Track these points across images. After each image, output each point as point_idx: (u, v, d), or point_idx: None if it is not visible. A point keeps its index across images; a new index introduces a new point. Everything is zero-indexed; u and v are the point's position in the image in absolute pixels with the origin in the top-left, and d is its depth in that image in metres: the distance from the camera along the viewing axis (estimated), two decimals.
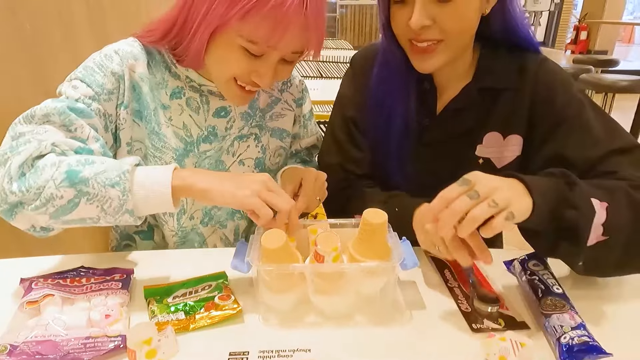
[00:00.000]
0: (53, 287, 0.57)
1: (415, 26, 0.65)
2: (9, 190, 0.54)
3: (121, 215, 0.56)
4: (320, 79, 2.48)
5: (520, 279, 0.63)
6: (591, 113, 0.70)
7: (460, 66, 0.76)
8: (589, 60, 3.76)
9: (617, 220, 0.56)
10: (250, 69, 0.65)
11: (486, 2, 0.68)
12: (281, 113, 0.85)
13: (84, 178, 0.54)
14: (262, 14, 0.58)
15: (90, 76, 0.64)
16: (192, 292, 0.61)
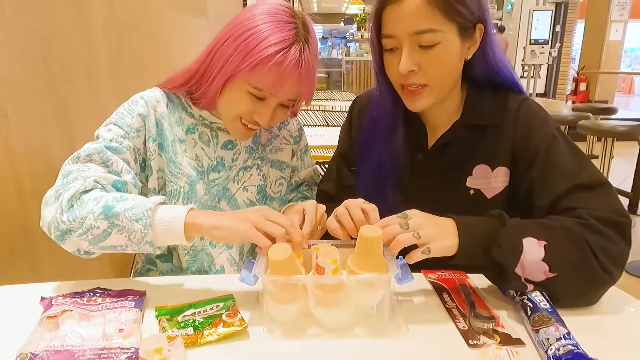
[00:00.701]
0: (71, 304, 0.61)
1: (403, 71, 0.73)
2: (60, 220, 0.66)
3: (143, 245, 0.66)
4: (326, 127, 2.61)
5: (514, 301, 0.66)
6: (563, 149, 0.75)
7: (450, 105, 0.83)
8: (587, 108, 3.87)
9: (560, 257, 0.63)
10: (253, 110, 0.78)
11: (467, 49, 0.76)
12: (280, 147, 0.96)
13: (116, 213, 0.65)
14: (266, 68, 0.72)
15: (121, 119, 0.78)
16: (200, 312, 0.64)
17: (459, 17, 0.72)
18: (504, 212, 0.67)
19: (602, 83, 7.13)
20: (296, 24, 0.75)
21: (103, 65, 1.18)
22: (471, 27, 0.75)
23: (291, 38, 0.73)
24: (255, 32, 0.72)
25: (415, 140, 0.86)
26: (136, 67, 1.38)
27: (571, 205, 0.70)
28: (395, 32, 0.73)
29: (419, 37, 0.72)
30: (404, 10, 0.71)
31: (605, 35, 7.00)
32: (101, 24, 1.17)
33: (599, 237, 0.65)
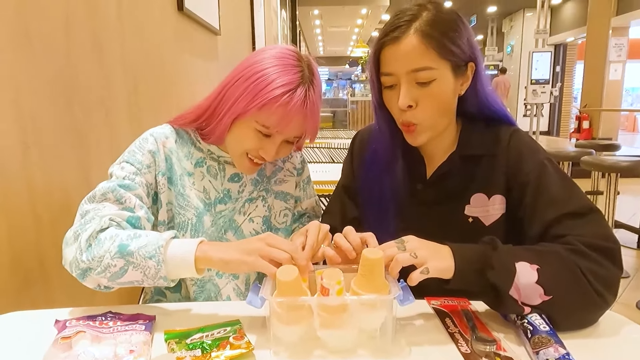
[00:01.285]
0: (84, 326, 0.63)
1: (402, 106, 0.78)
2: (80, 259, 0.70)
3: (157, 280, 0.70)
4: (331, 163, 2.66)
5: (515, 325, 0.67)
6: (553, 177, 0.78)
7: (446, 139, 0.88)
8: (591, 144, 3.92)
9: (553, 280, 0.66)
10: (259, 146, 0.83)
11: (460, 85, 0.82)
12: (284, 179, 0.99)
13: (131, 251, 0.69)
14: (274, 108, 0.78)
15: (133, 157, 0.83)
16: (208, 335, 0.65)
17: (452, 56, 0.77)
18: (496, 238, 0.70)
19: (605, 121, 7.22)
20: (302, 68, 0.81)
21: (120, 104, 1.25)
22: (463, 65, 0.80)
23: (297, 80, 0.78)
24: (264, 75, 0.78)
25: (415, 172, 0.90)
26: (151, 106, 1.46)
27: (561, 233, 0.72)
28: (394, 70, 0.78)
29: (415, 74, 0.77)
30: (402, 50, 0.77)
31: (605, 75, 7.16)
32: (120, 66, 1.25)
33: (588, 262, 0.67)
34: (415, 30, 0.76)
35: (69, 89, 1.01)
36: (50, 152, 0.94)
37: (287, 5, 7.18)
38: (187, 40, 1.88)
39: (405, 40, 0.76)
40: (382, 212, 0.91)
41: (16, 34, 0.84)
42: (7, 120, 0.82)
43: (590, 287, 0.66)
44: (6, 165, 0.82)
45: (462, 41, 0.78)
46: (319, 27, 11.68)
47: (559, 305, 0.65)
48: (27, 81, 0.87)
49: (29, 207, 0.88)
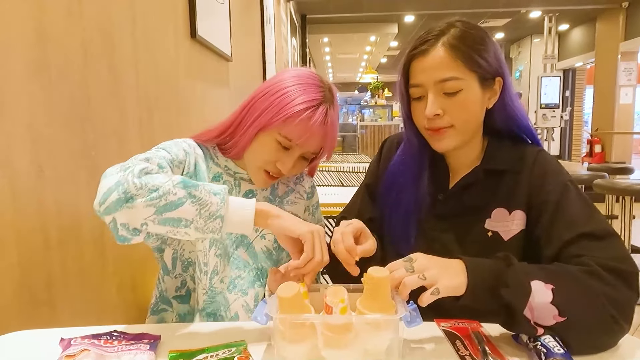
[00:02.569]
0: (89, 345, 0.62)
1: (429, 114, 0.81)
2: (132, 181, 0.67)
3: (213, 220, 0.68)
4: (341, 187, 2.67)
5: (527, 347, 0.65)
6: (574, 199, 0.78)
7: (472, 152, 0.89)
8: (603, 168, 3.87)
9: (568, 301, 0.64)
10: (277, 158, 0.86)
11: (488, 99, 0.84)
12: (294, 201, 1.02)
13: (195, 184, 0.69)
14: (297, 121, 0.82)
15: (169, 148, 0.85)
16: (213, 356, 0.64)
17: (479, 68, 0.80)
18: (511, 255, 0.69)
19: (618, 145, 7.14)
20: (324, 89, 0.86)
21: (132, 131, 1.28)
22: (490, 79, 0.83)
23: (319, 99, 0.84)
24: (289, 91, 0.83)
25: (438, 182, 0.91)
26: (163, 133, 1.48)
27: (577, 253, 0.72)
28: (422, 81, 0.81)
29: (443, 84, 0.80)
30: (430, 62, 0.80)
31: (616, 99, 7.13)
32: (134, 94, 1.28)
33: (603, 284, 0.66)
34: (442, 44, 0.80)
35: (83, 115, 1.04)
36: (63, 176, 0.96)
37: (297, 33, 7.36)
38: (199, 67, 1.93)
39: (433, 52, 0.80)
40: (402, 218, 0.91)
41: (35, 61, 0.87)
42: (23, 143, 0.84)
43: (605, 311, 0.64)
44: (20, 187, 0.84)
45: (489, 55, 0.81)
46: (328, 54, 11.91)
47: (574, 328, 0.64)
48: (43, 107, 0.90)
49: (40, 228, 0.89)
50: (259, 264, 0.93)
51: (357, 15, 7.57)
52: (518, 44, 10.37)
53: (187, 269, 0.91)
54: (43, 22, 0.90)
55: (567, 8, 7.19)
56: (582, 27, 8.52)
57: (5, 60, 0.80)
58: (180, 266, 0.91)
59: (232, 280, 0.91)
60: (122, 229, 0.68)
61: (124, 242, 0.70)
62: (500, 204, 0.85)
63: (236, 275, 0.91)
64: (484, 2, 6.68)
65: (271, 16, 4.01)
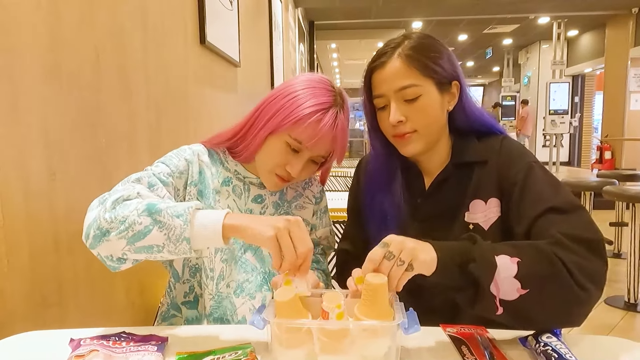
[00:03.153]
0: (98, 345, 0.63)
1: (393, 121, 0.85)
2: (102, 218, 0.69)
3: (180, 243, 0.68)
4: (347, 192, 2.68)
5: (536, 352, 0.64)
6: (540, 177, 0.82)
7: (441, 153, 0.94)
8: (613, 174, 3.83)
9: (532, 273, 0.65)
10: (287, 161, 0.87)
11: (448, 102, 0.89)
12: (303, 205, 1.02)
13: (159, 209, 0.69)
14: (306, 123, 0.83)
15: (169, 160, 0.87)
16: (219, 358, 0.65)
17: (434, 73, 0.85)
18: (475, 235, 0.71)
19: (628, 151, 7.07)
20: (334, 93, 0.87)
21: (142, 136, 1.30)
22: (447, 83, 0.88)
23: (330, 102, 0.85)
24: (300, 95, 0.84)
25: (414, 187, 0.95)
26: (171, 138, 1.50)
27: (545, 227, 0.74)
28: (383, 91, 0.86)
29: (403, 92, 0.85)
30: (388, 72, 0.86)
31: (626, 105, 7.08)
32: (144, 100, 1.30)
33: (571, 254, 0.67)
34: (398, 55, 0.85)
35: (95, 121, 1.05)
36: (74, 180, 0.98)
37: (305, 39, 7.41)
38: (208, 72, 1.95)
39: (390, 63, 0.86)
40: (386, 230, 0.90)
41: (48, 67, 0.89)
42: (36, 148, 0.86)
43: (572, 280, 0.65)
44: (33, 190, 0.85)
45: (443, 61, 0.86)
46: (336, 60, 11.97)
47: (537, 300, 0.65)
48: (56, 112, 0.92)
49: (51, 231, 0.91)
50: (266, 268, 0.94)
51: (365, 21, 7.60)
52: (526, 49, 10.33)
53: (195, 274, 0.91)
54: (56, 29, 0.92)
55: (576, 14, 7.17)
56: (591, 32, 8.48)
57: (20, 65, 0.82)
58: (188, 272, 0.92)
59: (239, 284, 0.91)
60: (108, 260, 0.72)
61: (116, 270, 0.73)
62: (476, 196, 0.88)
63: (244, 279, 0.92)
64: (491, 8, 6.68)
65: (279, 22, 4.04)
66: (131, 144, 1.23)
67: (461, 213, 0.89)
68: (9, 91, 0.80)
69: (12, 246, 0.80)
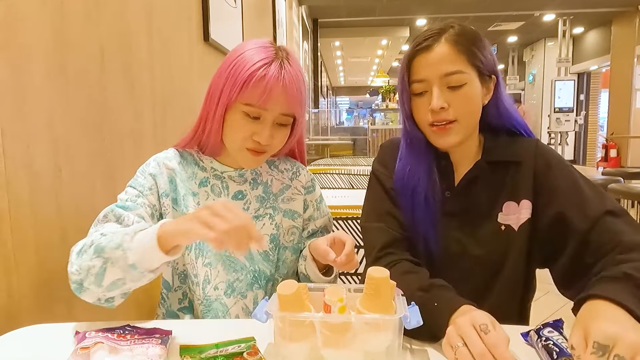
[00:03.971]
0: (102, 338, 0.64)
1: (435, 107, 0.81)
2: (71, 272, 0.72)
3: (132, 270, 0.68)
4: (351, 189, 2.68)
5: (537, 347, 0.65)
6: (581, 181, 0.82)
7: (471, 148, 0.91)
8: (618, 172, 3.81)
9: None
10: (252, 131, 0.84)
11: (484, 95, 0.86)
12: (292, 197, 0.99)
13: (102, 247, 0.70)
14: (252, 84, 0.80)
15: (135, 181, 0.87)
16: (222, 351, 0.66)
17: (480, 62, 0.83)
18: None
19: (634, 149, 7.03)
20: (275, 49, 0.85)
21: (147, 133, 1.31)
22: (487, 75, 0.85)
23: (271, 57, 0.82)
24: (240, 59, 0.82)
25: (443, 179, 0.91)
26: (176, 135, 1.50)
27: (610, 227, 0.75)
28: (426, 75, 0.83)
29: (448, 78, 0.81)
30: (434, 56, 0.82)
31: (631, 103, 7.03)
32: (149, 97, 1.31)
33: None
34: (446, 39, 0.82)
35: (100, 118, 1.06)
36: (80, 177, 0.99)
37: (309, 36, 7.41)
38: (212, 70, 1.96)
39: (437, 47, 0.82)
40: (414, 219, 0.89)
41: (54, 65, 0.90)
42: (42, 145, 0.87)
43: None
44: (39, 186, 0.86)
45: (487, 52, 0.85)
46: (340, 57, 11.96)
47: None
48: (62, 109, 0.93)
49: (58, 227, 0.92)
50: (255, 267, 0.92)
51: (369, 19, 7.59)
52: (531, 47, 10.27)
53: (185, 280, 0.91)
54: (62, 27, 0.93)
55: (581, 11, 7.12)
56: (597, 30, 8.41)
57: (27, 64, 0.83)
58: (178, 279, 0.91)
59: (229, 284, 0.90)
60: (99, 303, 0.74)
61: (113, 307, 0.75)
62: (509, 197, 0.86)
63: (234, 278, 0.90)
64: (497, 5, 6.65)
65: (283, 20, 4.04)
66: (136, 141, 1.24)
67: (494, 213, 0.87)
68: (16, 89, 0.81)
69: (19, 241, 0.82)
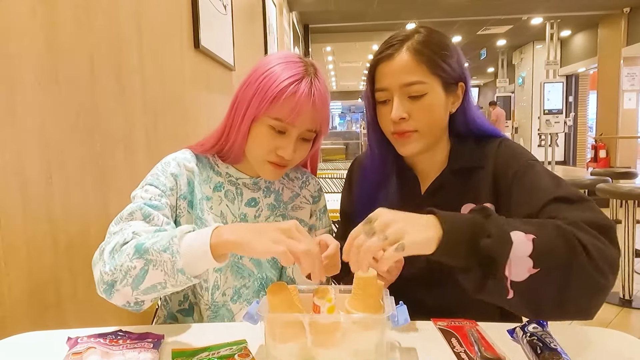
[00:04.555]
0: (95, 343, 0.65)
1: (395, 118, 0.82)
2: (104, 272, 0.69)
3: (177, 276, 0.65)
4: None
5: (522, 343, 0.66)
6: (540, 173, 0.78)
7: (439, 156, 0.91)
8: (607, 172, 3.87)
9: (547, 251, 0.58)
10: (276, 145, 0.84)
11: (452, 103, 0.87)
12: (300, 206, 1.00)
13: (146, 248, 0.67)
14: (282, 100, 0.80)
15: (156, 180, 0.84)
16: (214, 354, 0.66)
17: (442, 72, 0.82)
18: (488, 206, 0.65)
19: (623, 150, 7.12)
20: (305, 64, 0.85)
21: (139, 139, 1.31)
22: (453, 84, 0.85)
23: (301, 73, 0.82)
24: (270, 73, 0.82)
25: (409, 190, 0.93)
26: (168, 141, 1.52)
27: (552, 214, 0.69)
28: (388, 84, 0.83)
29: (408, 88, 0.82)
30: (395, 66, 0.82)
31: (619, 104, 7.13)
32: (140, 103, 1.32)
33: (589, 236, 0.61)
34: (407, 48, 0.82)
35: (91, 124, 1.07)
36: (71, 183, 0.99)
37: (300, 42, 7.44)
38: (203, 76, 1.97)
39: (398, 56, 0.82)
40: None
41: (44, 72, 0.91)
42: (33, 151, 0.88)
43: (590, 262, 0.58)
44: (30, 193, 0.87)
45: (452, 60, 0.84)
46: (331, 62, 12.01)
47: (548, 281, 0.58)
48: (53, 116, 0.93)
49: (49, 233, 0.92)
50: (263, 274, 0.92)
51: (360, 24, 7.64)
52: (520, 50, 10.39)
53: None
54: (53, 34, 0.93)
55: (568, 14, 7.23)
56: (584, 32, 8.54)
57: (17, 70, 0.84)
58: None
59: (236, 290, 0.90)
60: (127, 306, 0.72)
61: (140, 311, 0.73)
62: (469, 200, 0.86)
63: (241, 284, 0.91)
64: (485, 9, 6.73)
65: (274, 26, 4.06)
66: (128, 148, 1.25)
67: None
68: (6, 96, 0.81)
69: (10, 248, 0.82)
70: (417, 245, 0.58)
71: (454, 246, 0.59)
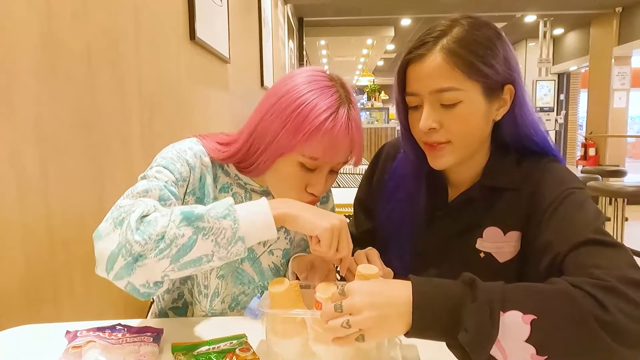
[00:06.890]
0: (94, 337, 0.64)
1: (423, 128, 0.72)
2: (133, 240, 0.59)
3: (234, 245, 0.61)
4: (337, 188, 2.71)
5: None
6: (578, 204, 0.68)
7: (475, 167, 0.80)
8: (597, 171, 3.92)
9: (551, 335, 0.51)
10: (306, 182, 0.76)
11: (496, 110, 0.75)
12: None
13: (199, 215, 0.61)
14: (319, 136, 0.71)
15: (172, 165, 0.74)
16: (215, 348, 0.67)
17: (483, 76, 0.71)
18: (477, 279, 0.56)
19: (612, 148, 7.21)
20: (337, 88, 0.74)
21: (135, 133, 1.30)
22: (498, 88, 0.73)
23: (336, 102, 0.72)
24: (302, 103, 0.71)
25: (435, 198, 0.84)
26: (164, 134, 1.50)
27: (586, 257, 0.60)
28: (417, 89, 0.73)
29: (439, 95, 0.71)
30: (425, 69, 0.71)
31: (609, 103, 7.21)
32: (136, 96, 1.30)
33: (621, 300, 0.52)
34: (441, 48, 0.70)
35: (88, 117, 1.06)
36: (67, 176, 0.98)
37: (295, 35, 7.40)
38: (199, 68, 1.96)
39: (430, 58, 0.71)
40: (397, 233, 0.87)
41: (41, 65, 0.89)
42: (29, 144, 0.86)
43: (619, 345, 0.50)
44: (26, 186, 0.86)
45: (496, 60, 0.71)
46: (325, 56, 11.97)
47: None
48: (49, 109, 0.92)
49: (45, 228, 0.91)
50: (265, 282, 0.88)
51: (354, 18, 7.62)
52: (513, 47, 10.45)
53: (186, 281, 0.86)
54: (49, 26, 0.92)
55: (561, 12, 7.28)
56: (576, 31, 8.60)
57: (13, 62, 0.82)
58: (179, 280, 0.87)
59: (235, 297, 0.87)
60: (143, 287, 0.62)
61: (148, 298, 0.65)
62: (495, 223, 0.77)
63: (240, 291, 0.87)
64: (479, 6, 6.73)
65: (269, 19, 4.04)
66: (124, 140, 1.24)
67: (474, 238, 0.78)
68: (2, 88, 0.80)
69: (6, 241, 0.81)
70: (380, 338, 0.59)
71: (426, 336, 0.56)
